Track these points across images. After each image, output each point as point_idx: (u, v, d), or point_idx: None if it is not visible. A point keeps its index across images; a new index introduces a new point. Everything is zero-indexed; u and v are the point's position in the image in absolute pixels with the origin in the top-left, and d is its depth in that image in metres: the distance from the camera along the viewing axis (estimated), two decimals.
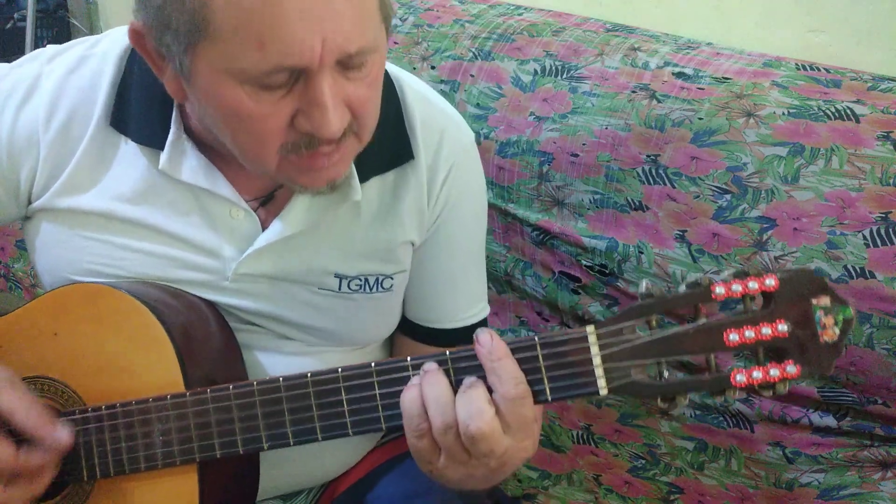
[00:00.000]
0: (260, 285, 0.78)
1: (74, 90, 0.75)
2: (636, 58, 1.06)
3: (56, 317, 0.75)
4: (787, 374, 0.58)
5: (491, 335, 0.61)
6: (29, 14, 2.14)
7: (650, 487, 1.10)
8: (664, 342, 0.60)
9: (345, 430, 0.66)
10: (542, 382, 0.62)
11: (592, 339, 0.61)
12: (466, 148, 0.83)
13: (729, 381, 0.59)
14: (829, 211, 0.90)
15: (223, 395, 0.68)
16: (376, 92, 0.67)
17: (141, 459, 0.70)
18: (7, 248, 1.53)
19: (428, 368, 0.63)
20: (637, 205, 1.02)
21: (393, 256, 0.81)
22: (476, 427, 0.59)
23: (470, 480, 0.64)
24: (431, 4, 1.25)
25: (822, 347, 0.58)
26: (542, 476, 1.18)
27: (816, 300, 0.58)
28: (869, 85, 0.93)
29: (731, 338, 0.59)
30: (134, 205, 0.76)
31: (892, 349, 0.88)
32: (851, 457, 0.96)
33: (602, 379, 0.61)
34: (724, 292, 0.58)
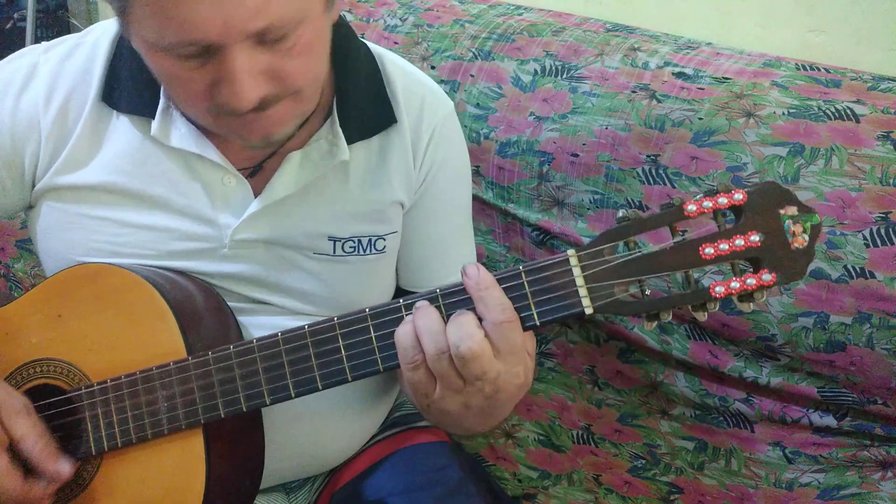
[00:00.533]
0: (257, 251, 0.81)
1: (70, 73, 0.78)
2: (636, 58, 1.06)
3: (59, 299, 0.77)
4: (763, 281, 0.61)
5: (478, 267, 0.64)
6: (29, 14, 2.14)
7: (650, 487, 1.10)
8: (643, 260, 0.63)
9: (343, 376, 0.68)
10: (529, 308, 0.64)
11: (574, 262, 0.63)
12: (447, 114, 0.87)
13: (709, 293, 0.62)
14: (829, 211, 0.90)
15: (224, 356, 0.70)
16: (312, 58, 0.68)
17: (147, 426, 0.72)
18: (7, 248, 1.53)
19: (420, 305, 0.65)
20: (637, 205, 1.02)
21: (384, 217, 0.84)
22: (466, 347, 0.61)
23: (467, 413, 0.66)
24: (431, 4, 1.25)
25: (794, 253, 0.61)
26: (542, 476, 1.18)
27: (784, 210, 0.61)
28: (869, 85, 0.93)
29: (707, 251, 0.62)
30: (130, 177, 0.78)
31: (892, 349, 0.88)
32: (851, 457, 0.96)
33: (586, 298, 0.63)
34: (695, 209, 0.62)
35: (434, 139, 0.85)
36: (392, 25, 1.25)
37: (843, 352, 0.91)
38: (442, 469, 0.89)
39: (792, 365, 0.96)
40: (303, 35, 0.65)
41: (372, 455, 0.92)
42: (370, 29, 1.26)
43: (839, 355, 0.91)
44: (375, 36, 1.25)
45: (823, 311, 0.90)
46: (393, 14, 1.26)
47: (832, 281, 0.89)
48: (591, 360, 1.11)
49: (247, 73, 0.63)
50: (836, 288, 0.89)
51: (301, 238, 0.81)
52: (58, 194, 0.80)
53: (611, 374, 1.10)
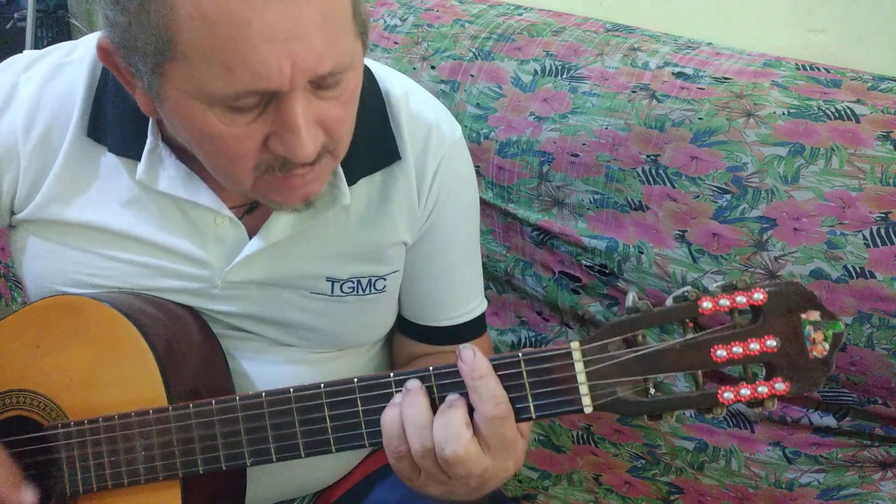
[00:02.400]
0: (250, 291, 0.77)
1: (52, 99, 0.73)
2: (636, 58, 1.06)
3: (38, 329, 0.74)
4: (775, 391, 0.58)
5: (474, 352, 0.60)
6: (29, 14, 2.14)
7: (650, 487, 1.10)
8: (650, 359, 0.59)
9: (328, 447, 0.65)
10: (526, 399, 0.61)
11: (577, 356, 0.60)
12: (454, 143, 0.82)
13: (716, 398, 0.58)
14: (829, 211, 0.90)
15: (206, 411, 0.67)
16: (352, 109, 0.66)
17: (123, 474, 0.69)
18: (7, 248, 1.52)
19: (409, 387, 0.61)
20: (637, 205, 1.02)
21: (385, 257, 0.80)
22: (451, 451, 0.58)
23: (452, 496, 0.64)
24: (431, 4, 1.25)
25: (811, 363, 0.57)
26: (542, 476, 1.17)
27: (805, 315, 0.57)
28: (869, 85, 0.93)
29: (719, 354, 0.58)
30: (118, 216, 0.75)
31: (892, 349, 0.88)
32: (851, 457, 0.96)
33: (587, 397, 0.60)
34: (711, 307, 0.57)
35: (440, 172, 0.80)
36: (392, 25, 1.25)
37: (843, 352, 0.91)
38: None
39: None
40: (350, 81, 0.63)
41: (365, 468, 0.90)
42: (370, 29, 1.26)
43: (839, 355, 0.91)
44: (375, 36, 1.25)
45: None
46: (393, 14, 1.26)
47: (832, 281, 0.89)
48: None
49: (307, 122, 0.60)
50: (836, 288, 0.89)
51: (297, 279, 0.78)
52: (40, 226, 0.76)
53: None
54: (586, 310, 1.09)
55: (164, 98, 0.61)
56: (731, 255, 0.95)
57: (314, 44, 0.57)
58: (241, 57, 0.55)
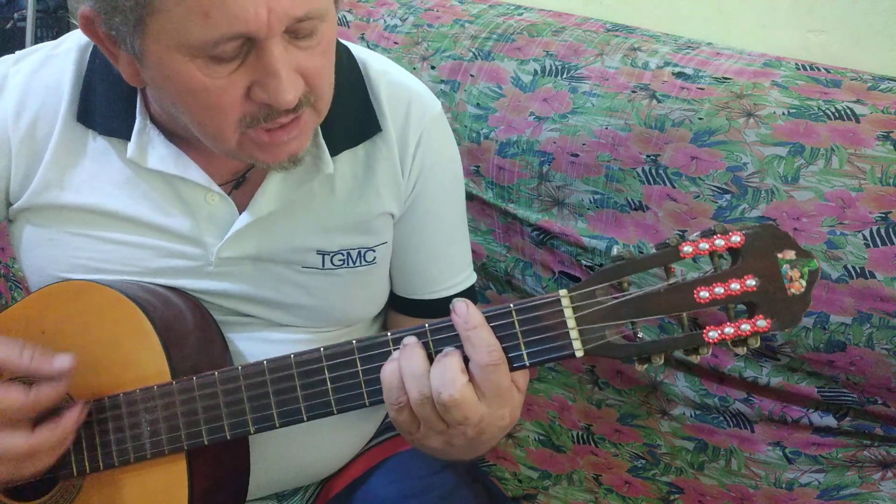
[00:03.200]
0: (244, 267, 0.79)
1: (40, 88, 0.76)
2: (636, 58, 1.06)
3: (42, 315, 0.75)
4: (757, 327, 0.60)
5: (467, 304, 0.63)
6: (29, 14, 2.14)
7: (650, 487, 1.10)
8: (636, 302, 0.61)
9: (329, 409, 0.67)
10: (519, 348, 0.63)
11: (566, 303, 0.62)
12: (434, 117, 0.84)
13: (702, 337, 0.61)
14: (829, 211, 0.90)
15: (209, 382, 0.69)
16: (329, 61, 0.68)
17: (130, 451, 0.70)
18: (7, 248, 1.53)
19: (406, 342, 0.64)
20: (637, 205, 1.02)
21: (372, 228, 0.82)
22: (448, 395, 0.60)
23: (451, 450, 0.66)
24: (431, 4, 1.25)
25: (790, 300, 0.60)
26: (542, 476, 1.18)
27: (782, 254, 0.60)
28: (869, 85, 0.93)
29: (702, 295, 0.61)
30: (112, 197, 0.77)
31: (892, 349, 0.88)
32: (851, 457, 0.96)
33: (577, 341, 0.62)
34: (691, 250, 0.60)
35: (422, 145, 0.82)
36: (392, 25, 1.25)
37: (843, 352, 0.91)
38: (436, 474, 0.88)
39: (792, 365, 0.96)
40: (325, 32, 0.65)
41: (366, 461, 0.91)
42: (370, 29, 1.26)
43: (839, 355, 0.91)
44: (375, 36, 1.25)
45: (823, 311, 0.90)
46: (393, 14, 1.26)
47: (832, 281, 0.89)
48: (591, 359, 1.11)
49: (287, 67, 0.62)
50: (836, 288, 0.89)
51: (289, 253, 0.79)
52: (36, 214, 0.78)
53: (611, 374, 1.10)
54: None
55: (146, 58, 0.63)
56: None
57: None
58: (219, 2, 0.57)
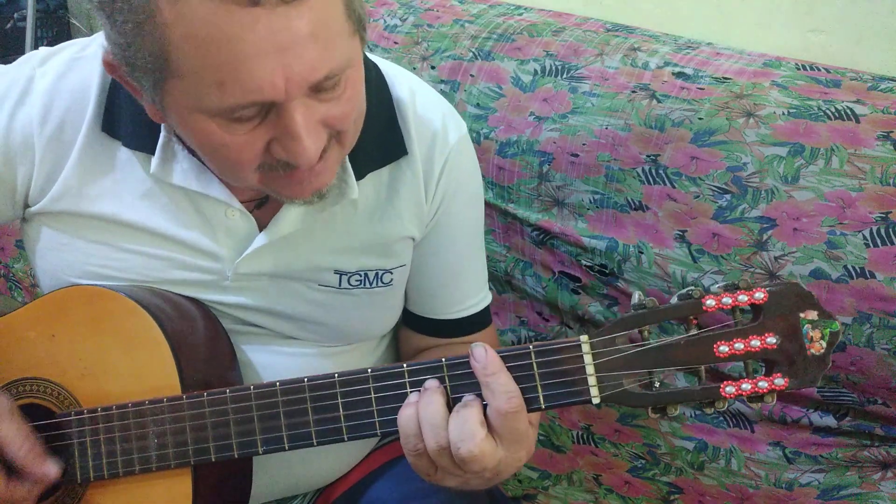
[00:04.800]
0: (261, 282, 0.79)
1: (66, 93, 0.75)
2: (636, 58, 1.06)
3: (54, 319, 0.75)
4: (775, 385, 0.61)
5: (486, 349, 0.62)
6: (29, 14, 2.14)
7: (650, 487, 1.10)
8: (656, 353, 0.61)
9: (340, 436, 0.67)
10: (535, 390, 0.63)
11: (586, 349, 0.62)
12: (460, 140, 0.83)
13: (718, 392, 0.61)
14: (829, 211, 0.90)
15: (220, 399, 0.68)
16: (355, 102, 0.66)
17: (135, 461, 0.70)
18: (7, 248, 1.53)
19: (427, 387, 0.63)
20: (637, 205, 1.02)
21: (392, 251, 0.81)
22: (467, 450, 0.60)
23: (468, 487, 0.66)
24: (431, 4, 1.25)
25: (809, 360, 0.60)
26: (542, 476, 1.17)
27: (804, 314, 0.60)
28: (869, 85, 0.93)
29: (721, 350, 0.61)
30: (132, 208, 0.76)
31: (892, 349, 0.88)
32: (851, 457, 0.96)
33: (595, 388, 0.62)
34: (714, 304, 0.60)
35: (447, 169, 0.81)
36: (392, 25, 1.25)
37: (843, 352, 0.91)
38: None
39: None
40: (351, 78, 0.63)
41: (366, 466, 0.91)
42: (370, 29, 1.26)
43: (839, 355, 0.91)
44: (375, 36, 1.25)
45: None
46: (393, 14, 1.26)
47: (832, 281, 0.89)
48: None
49: (308, 128, 0.61)
50: (836, 288, 0.89)
51: (306, 272, 0.79)
52: (54, 218, 0.77)
53: None
54: (586, 310, 1.09)
55: (167, 110, 0.63)
56: (731, 255, 0.95)
57: (306, 54, 0.57)
58: (233, 73, 0.56)
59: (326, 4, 0.58)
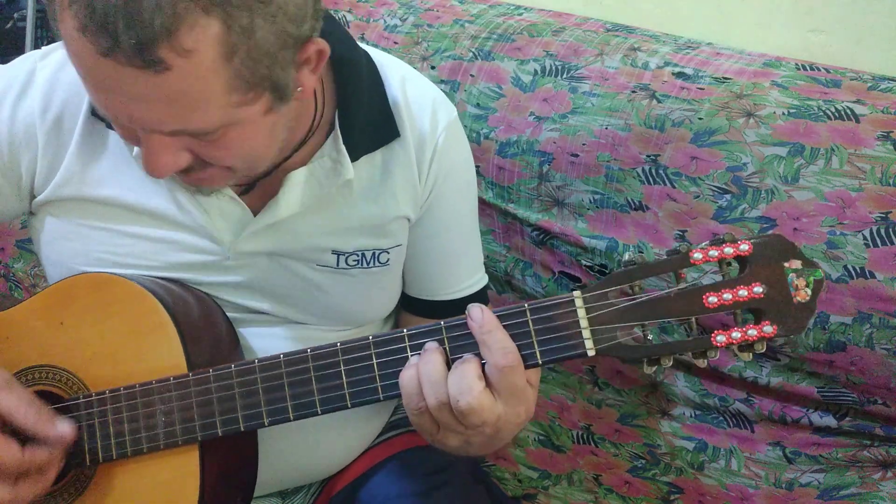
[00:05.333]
0: (260, 261, 0.81)
1: (66, 84, 0.77)
2: (636, 58, 1.06)
3: (62, 306, 0.76)
4: (763, 333, 0.62)
5: (482, 309, 0.64)
6: (29, 14, 2.14)
7: (650, 487, 1.10)
8: (647, 305, 0.63)
9: (343, 402, 0.68)
10: (532, 346, 0.64)
11: (579, 303, 0.64)
12: (451, 123, 0.85)
13: (710, 341, 0.63)
14: (829, 211, 0.90)
15: (225, 374, 0.70)
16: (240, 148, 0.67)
17: (143, 440, 0.71)
18: (7, 248, 1.53)
19: (427, 347, 0.65)
20: (637, 205, 1.02)
21: (388, 231, 0.83)
22: (465, 402, 0.62)
23: (469, 447, 0.67)
24: (431, 4, 1.25)
25: (795, 307, 0.62)
26: (542, 476, 1.18)
27: (788, 263, 0.62)
28: (869, 85, 0.93)
29: (711, 300, 0.62)
30: (132, 191, 0.78)
31: (892, 349, 0.88)
32: (851, 457, 0.96)
33: (589, 340, 0.64)
34: (701, 257, 0.62)
35: (439, 151, 0.83)
36: (392, 25, 1.25)
37: (843, 352, 0.91)
38: (438, 473, 0.88)
39: (792, 365, 0.96)
40: (230, 133, 0.64)
41: (369, 459, 0.92)
42: (370, 29, 1.26)
43: (839, 355, 0.91)
44: (375, 36, 1.25)
45: (823, 311, 0.90)
46: (393, 14, 1.26)
47: (832, 281, 0.89)
48: (591, 359, 1.11)
49: (161, 153, 0.64)
50: (836, 288, 0.89)
51: (304, 251, 0.81)
52: (59, 206, 0.79)
53: (611, 374, 1.10)
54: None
55: None
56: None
57: (154, 110, 0.60)
58: (93, 94, 0.62)
59: (196, 79, 0.58)
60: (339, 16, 1.31)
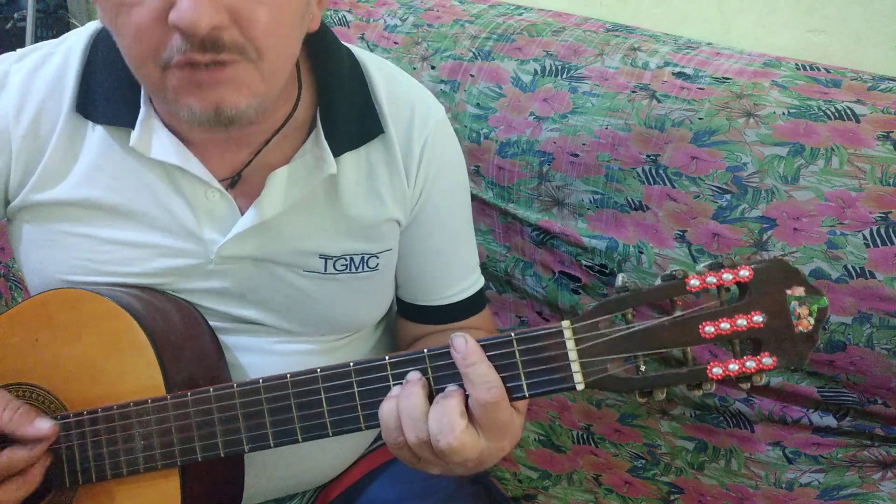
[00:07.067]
0: (244, 266, 0.78)
1: (42, 84, 0.75)
2: (636, 58, 1.06)
3: (36, 323, 0.74)
4: (762, 365, 0.59)
5: (466, 340, 0.61)
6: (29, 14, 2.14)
7: (650, 487, 1.10)
8: (640, 336, 0.60)
9: (324, 431, 0.66)
10: (518, 378, 0.62)
11: (568, 334, 0.61)
12: (438, 122, 0.82)
13: (705, 373, 0.60)
14: (829, 211, 0.90)
15: (204, 398, 0.68)
16: (280, 15, 0.63)
17: (123, 464, 0.70)
18: (7, 248, 1.53)
19: (409, 379, 0.63)
20: (637, 205, 1.02)
21: (377, 234, 0.81)
22: (446, 443, 0.60)
23: (451, 473, 0.65)
24: (431, 4, 1.25)
25: (797, 338, 0.58)
26: (542, 476, 1.17)
27: (791, 290, 0.58)
28: (869, 85, 0.93)
29: (707, 330, 0.59)
30: (109, 191, 0.75)
31: (892, 349, 0.88)
32: (851, 457, 0.96)
33: (579, 374, 0.61)
34: (698, 284, 0.59)
35: (426, 152, 0.81)
36: (392, 25, 1.25)
37: (843, 352, 0.91)
38: (436, 477, 0.88)
39: None
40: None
41: (364, 466, 0.91)
42: (370, 29, 1.26)
43: (839, 355, 0.91)
44: (375, 36, 1.25)
45: None
46: (393, 14, 1.26)
47: (832, 281, 0.89)
48: None
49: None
50: (836, 288, 0.89)
51: (291, 256, 0.78)
52: (35, 211, 0.77)
53: None
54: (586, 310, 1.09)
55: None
56: (731, 256, 0.95)
57: None
58: None
59: None
60: (339, 16, 1.31)
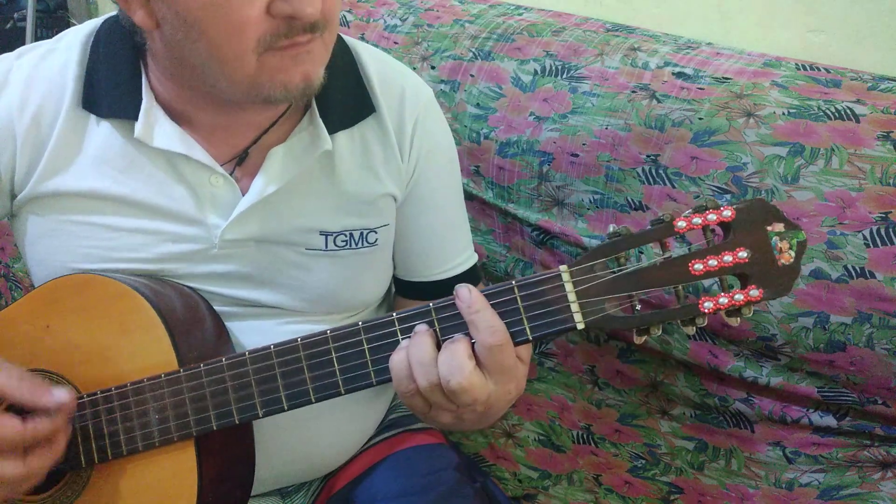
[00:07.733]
0: (248, 249, 0.80)
1: (44, 79, 0.77)
2: (636, 58, 1.06)
3: (47, 309, 0.76)
4: (750, 297, 0.63)
5: (469, 289, 0.65)
6: (29, 14, 2.14)
7: (650, 487, 1.10)
8: (634, 276, 0.64)
9: (336, 389, 0.68)
10: (521, 323, 0.65)
11: (566, 277, 0.64)
12: (427, 102, 0.87)
13: (697, 308, 0.63)
14: (829, 211, 0.90)
15: (216, 368, 0.70)
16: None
17: (138, 439, 0.71)
18: (7, 248, 1.53)
19: (417, 330, 0.66)
20: (637, 205, 1.02)
21: (374, 209, 0.84)
22: (456, 382, 0.62)
23: (462, 423, 0.68)
24: (431, 4, 1.25)
25: (780, 270, 0.63)
26: (542, 476, 1.18)
27: (771, 227, 0.63)
28: (869, 85, 0.93)
29: (696, 267, 0.63)
30: (113, 181, 0.77)
31: (892, 349, 0.88)
32: (851, 457, 0.96)
33: (578, 314, 0.64)
34: (685, 225, 0.63)
35: (419, 129, 0.84)
36: (392, 25, 1.25)
37: (843, 352, 0.91)
38: (438, 472, 0.89)
39: (792, 365, 0.96)
40: None
41: (368, 458, 0.92)
42: (370, 29, 1.26)
43: (839, 355, 0.91)
44: (375, 36, 1.25)
45: (823, 311, 0.90)
46: (393, 14, 1.26)
47: (832, 281, 0.89)
48: (592, 359, 1.11)
49: None
50: (836, 288, 0.89)
51: (292, 234, 0.81)
52: (41, 203, 0.79)
53: (611, 374, 1.10)
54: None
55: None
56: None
57: None
58: None
59: None
60: None
